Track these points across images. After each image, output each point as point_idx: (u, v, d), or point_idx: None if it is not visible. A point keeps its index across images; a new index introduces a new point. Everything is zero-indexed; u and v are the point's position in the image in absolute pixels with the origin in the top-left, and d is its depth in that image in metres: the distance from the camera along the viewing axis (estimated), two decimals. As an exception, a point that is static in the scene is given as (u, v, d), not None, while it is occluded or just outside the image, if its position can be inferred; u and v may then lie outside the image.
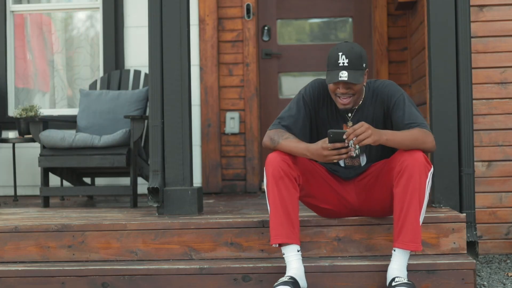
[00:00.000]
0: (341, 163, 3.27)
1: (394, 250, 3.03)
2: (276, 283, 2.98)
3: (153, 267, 3.26)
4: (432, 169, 3.05)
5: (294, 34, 5.75)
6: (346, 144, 2.91)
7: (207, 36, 5.40)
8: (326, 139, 2.93)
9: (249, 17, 5.44)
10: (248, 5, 5.44)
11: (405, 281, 2.94)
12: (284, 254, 3.07)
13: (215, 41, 5.39)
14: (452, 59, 3.64)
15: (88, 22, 5.80)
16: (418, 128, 3.05)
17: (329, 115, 3.22)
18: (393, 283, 2.94)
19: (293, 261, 3.04)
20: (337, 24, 5.71)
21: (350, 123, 3.19)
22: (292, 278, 2.98)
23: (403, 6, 5.14)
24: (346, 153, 2.93)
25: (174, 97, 3.73)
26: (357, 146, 3.12)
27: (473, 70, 3.82)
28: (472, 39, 3.89)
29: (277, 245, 3.07)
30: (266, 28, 5.60)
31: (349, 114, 3.20)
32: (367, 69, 3.13)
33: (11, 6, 5.66)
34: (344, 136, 2.89)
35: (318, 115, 3.22)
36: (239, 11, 5.48)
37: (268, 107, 5.62)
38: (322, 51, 5.51)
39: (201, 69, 5.40)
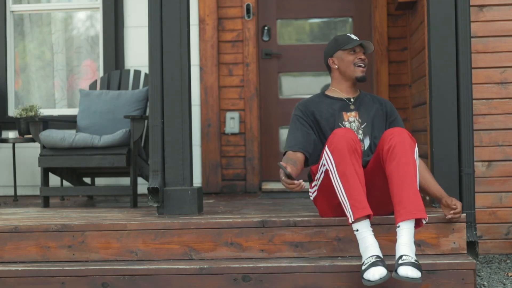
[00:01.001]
0: None
1: (398, 226, 2.98)
2: (365, 266, 2.93)
3: (153, 267, 3.26)
4: (416, 146, 3.15)
5: (294, 34, 5.75)
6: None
7: (207, 36, 5.40)
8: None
9: (249, 17, 5.44)
10: (248, 5, 5.44)
11: (412, 260, 2.87)
12: (357, 230, 3.05)
13: (215, 41, 5.39)
14: (452, 59, 3.64)
15: (88, 22, 5.80)
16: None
17: (327, 113, 3.48)
18: (400, 261, 2.88)
19: (369, 236, 3.03)
20: (337, 24, 5.71)
21: (352, 106, 3.50)
22: (378, 257, 2.95)
23: (403, 6, 5.14)
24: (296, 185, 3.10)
25: (174, 97, 3.73)
26: (360, 132, 3.44)
27: (473, 70, 3.82)
28: (472, 39, 3.89)
29: (352, 221, 3.03)
30: (266, 28, 5.60)
31: (352, 100, 3.53)
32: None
33: (11, 6, 5.66)
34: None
35: (316, 118, 3.48)
36: (239, 11, 5.48)
37: (268, 107, 5.62)
38: (322, 51, 5.49)
39: (201, 69, 5.40)
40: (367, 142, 3.42)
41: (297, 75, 5.72)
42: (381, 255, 2.96)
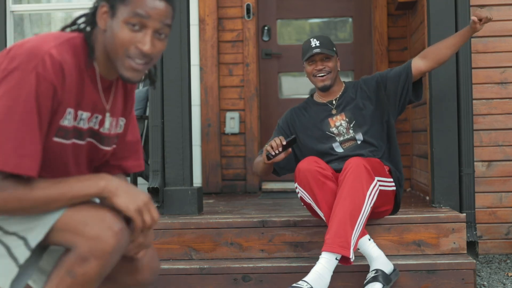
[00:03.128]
0: (339, 148, 3.37)
1: (321, 254, 2.92)
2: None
3: (153, 267, 3.25)
4: (375, 182, 3.03)
5: (294, 34, 5.75)
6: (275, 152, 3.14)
7: (207, 36, 5.40)
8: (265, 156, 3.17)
9: (249, 17, 5.44)
10: (248, 5, 5.44)
11: None
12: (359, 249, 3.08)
13: (215, 41, 5.39)
14: (452, 59, 3.64)
15: (88, 22, 5.80)
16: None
17: (310, 121, 3.47)
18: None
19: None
20: (337, 24, 5.71)
21: (334, 111, 3.44)
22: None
23: (403, 6, 5.14)
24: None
25: (174, 97, 3.73)
26: (350, 131, 3.38)
27: (473, 70, 3.82)
28: (472, 39, 3.89)
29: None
30: (266, 28, 5.60)
31: (334, 102, 3.46)
32: (338, 58, 3.49)
33: (11, 6, 5.66)
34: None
35: (297, 128, 3.48)
36: (239, 11, 5.47)
37: (268, 107, 5.62)
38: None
39: (201, 69, 5.40)
40: (359, 137, 3.37)
41: (297, 75, 5.72)
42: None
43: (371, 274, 3.01)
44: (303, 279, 2.87)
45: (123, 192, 1.78)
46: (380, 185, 3.13)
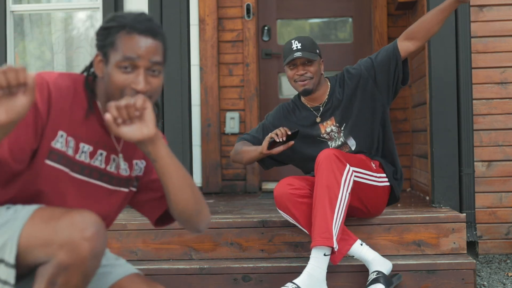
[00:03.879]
0: None
1: (311, 253, 2.94)
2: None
3: (153, 267, 3.25)
4: (347, 167, 2.99)
5: (294, 34, 5.75)
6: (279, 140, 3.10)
7: (207, 36, 5.39)
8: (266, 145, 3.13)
9: (249, 17, 5.44)
10: (248, 5, 5.44)
11: None
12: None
13: (215, 41, 5.39)
14: (452, 59, 3.64)
15: (88, 22, 5.80)
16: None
17: (298, 125, 3.33)
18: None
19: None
20: (337, 24, 5.71)
21: (318, 119, 3.32)
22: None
23: (403, 6, 5.14)
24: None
25: (174, 97, 3.73)
26: (341, 136, 3.28)
27: (473, 70, 3.82)
28: (472, 39, 3.89)
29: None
30: (266, 28, 5.60)
31: (320, 109, 3.32)
32: (322, 59, 3.32)
33: (11, 6, 5.66)
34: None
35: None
36: (239, 11, 5.47)
37: (268, 107, 5.62)
38: (322, 51, 5.50)
39: (201, 69, 5.39)
40: (352, 143, 3.29)
41: (297, 75, 5.71)
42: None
43: (372, 276, 3.02)
44: (292, 281, 2.90)
45: None
46: (363, 178, 3.12)
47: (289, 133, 3.10)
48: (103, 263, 2.02)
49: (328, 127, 3.30)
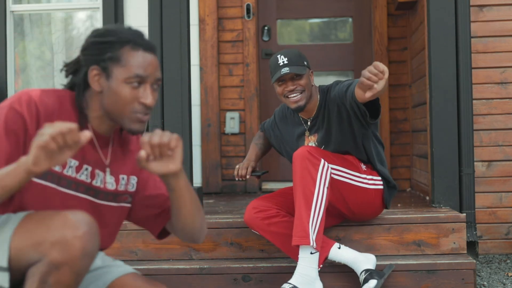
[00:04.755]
0: None
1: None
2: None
3: (153, 267, 3.26)
4: (322, 162, 2.95)
5: (294, 34, 5.75)
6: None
7: (207, 36, 5.39)
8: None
9: (249, 17, 5.44)
10: (248, 5, 5.44)
11: None
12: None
13: (215, 41, 5.39)
14: (452, 59, 3.64)
15: (88, 22, 5.80)
16: None
17: (288, 134, 3.35)
18: None
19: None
20: (337, 24, 5.71)
21: (307, 133, 3.27)
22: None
23: (403, 6, 5.14)
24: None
25: (174, 97, 3.73)
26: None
27: (473, 70, 3.82)
28: (472, 39, 3.89)
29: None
30: (266, 28, 5.60)
31: (308, 123, 3.25)
32: (311, 71, 3.20)
33: (11, 6, 5.66)
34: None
35: (280, 131, 3.42)
36: (239, 11, 5.47)
37: (268, 107, 5.62)
38: (322, 51, 5.51)
39: (201, 69, 5.39)
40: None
41: (297, 75, 5.71)
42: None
43: (362, 276, 3.02)
44: (288, 281, 2.92)
45: None
46: (347, 177, 3.09)
47: (248, 177, 3.36)
48: (100, 264, 2.02)
49: (311, 142, 3.27)
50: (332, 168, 3.02)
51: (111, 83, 1.87)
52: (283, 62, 3.13)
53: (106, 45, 1.88)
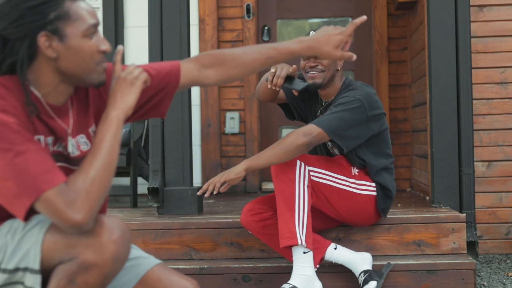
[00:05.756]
0: None
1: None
2: None
3: (153, 267, 3.25)
4: (298, 163, 2.94)
5: (294, 34, 5.75)
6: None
7: (207, 36, 5.40)
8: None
9: (249, 17, 5.44)
10: (248, 5, 5.44)
11: None
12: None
13: (215, 41, 5.39)
14: (452, 59, 3.64)
15: (88, 22, 5.80)
16: (292, 133, 2.96)
17: (308, 108, 3.30)
18: None
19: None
20: (337, 24, 5.71)
21: (319, 113, 3.23)
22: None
23: (403, 6, 5.14)
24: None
25: (174, 97, 3.71)
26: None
27: (473, 70, 3.82)
28: (472, 39, 3.89)
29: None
30: (266, 28, 5.60)
31: (323, 104, 3.21)
32: None
33: (11, 6, 5.66)
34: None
35: (301, 101, 3.33)
36: (239, 11, 5.47)
37: (268, 107, 5.62)
38: (322, 51, 5.50)
39: (201, 69, 5.39)
40: (336, 152, 3.23)
41: (297, 75, 5.71)
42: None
43: (361, 278, 3.02)
44: (287, 282, 2.93)
45: None
46: (331, 180, 3.04)
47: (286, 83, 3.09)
48: (130, 256, 2.01)
49: None
50: (311, 170, 2.99)
51: (69, 42, 1.74)
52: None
53: (45, 6, 1.71)
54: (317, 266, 3.01)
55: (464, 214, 3.41)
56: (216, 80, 2.07)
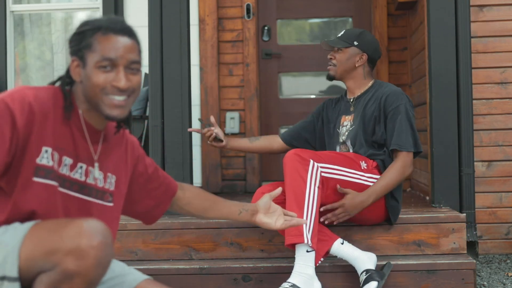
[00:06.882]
0: (338, 150, 3.34)
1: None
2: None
3: (153, 267, 3.26)
4: (311, 163, 2.98)
5: (294, 34, 5.75)
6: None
7: (207, 36, 5.39)
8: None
9: (249, 17, 5.44)
10: (248, 5, 5.44)
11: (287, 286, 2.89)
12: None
13: (215, 41, 5.39)
14: (452, 59, 3.64)
15: (88, 22, 5.80)
16: (395, 164, 3.15)
17: (333, 115, 3.42)
18: None
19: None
20: (337, 24, 5.71)
21: (352, 108, 3.34)
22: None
23: (403, 6, 5.14)
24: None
25: (174, 97, 3.73)
26: (345, 135, 3.30)
27: (473, 70, 3.82)
28: (472, 39, 3.89)
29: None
30: (266, 28, 5.60)
31: (351, 100, 3.36)
32: (362, 54, 3.32)
33: (11, 6, 5.66)
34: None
35: (324, 118, 3.46)
36: (239, 11, 5.47)
37: (268, 107, 5.62)
38: (322, 51, 5.50)
39: (201, 69, 5.39)
40: (350, 145, 3.29)
41: (297, 75, 5.72)
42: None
43: (363, 277, 3.02)
44: (287, 280, 2.92)
45: None
46: (341, 175, 3.08)
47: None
48: (112, 275, 2.00)
49: (346, 121, 3.34)
50: (321, 167, 3.03)
51: (86, 70, 1.87)
52: (340, 33, 3.37)
53: (81, 35, 1.88)
54: (321, 259, 3.01)
55: (464, 214, 3.41)
56: (188, 213, 2.42)
